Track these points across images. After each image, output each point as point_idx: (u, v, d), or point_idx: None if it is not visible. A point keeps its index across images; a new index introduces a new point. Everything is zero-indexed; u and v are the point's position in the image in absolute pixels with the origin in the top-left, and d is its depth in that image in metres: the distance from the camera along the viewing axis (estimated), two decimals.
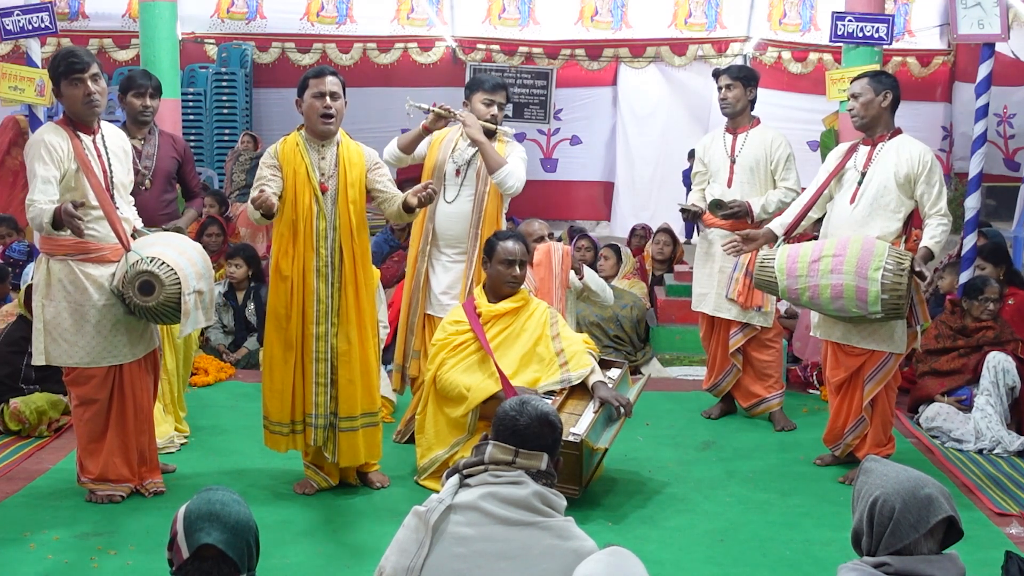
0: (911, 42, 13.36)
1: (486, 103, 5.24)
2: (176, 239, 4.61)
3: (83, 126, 4.36)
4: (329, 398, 4.55)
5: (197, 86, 12.97)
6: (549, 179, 13.97)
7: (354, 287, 4.53)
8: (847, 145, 5.14)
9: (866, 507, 2.42)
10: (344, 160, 4.52)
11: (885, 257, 4.59)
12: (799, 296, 4.84)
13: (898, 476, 2.43)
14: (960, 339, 5.92)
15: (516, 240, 4.88)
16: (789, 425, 5.83)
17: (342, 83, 4.54)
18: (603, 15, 13.59)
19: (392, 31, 13.64)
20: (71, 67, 4.27)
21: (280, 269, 4.51)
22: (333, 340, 4.52)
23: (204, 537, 2.35)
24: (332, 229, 4.48)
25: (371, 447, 4.68)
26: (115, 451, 4.52)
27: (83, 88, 4.28)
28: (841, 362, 5.00)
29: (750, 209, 5.62)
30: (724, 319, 5.85)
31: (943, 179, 4.86)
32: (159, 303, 4.24)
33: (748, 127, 5.78)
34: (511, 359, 4.78)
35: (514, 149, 5.27)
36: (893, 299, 4.57)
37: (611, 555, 2.37)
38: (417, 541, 2.56)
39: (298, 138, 4.52)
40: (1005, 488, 4.92)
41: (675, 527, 4.41)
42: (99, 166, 4.36)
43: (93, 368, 4.41)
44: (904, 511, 2.36)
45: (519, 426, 2.66)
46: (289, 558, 3.99)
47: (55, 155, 4.20)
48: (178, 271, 4.28)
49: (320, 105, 4.43)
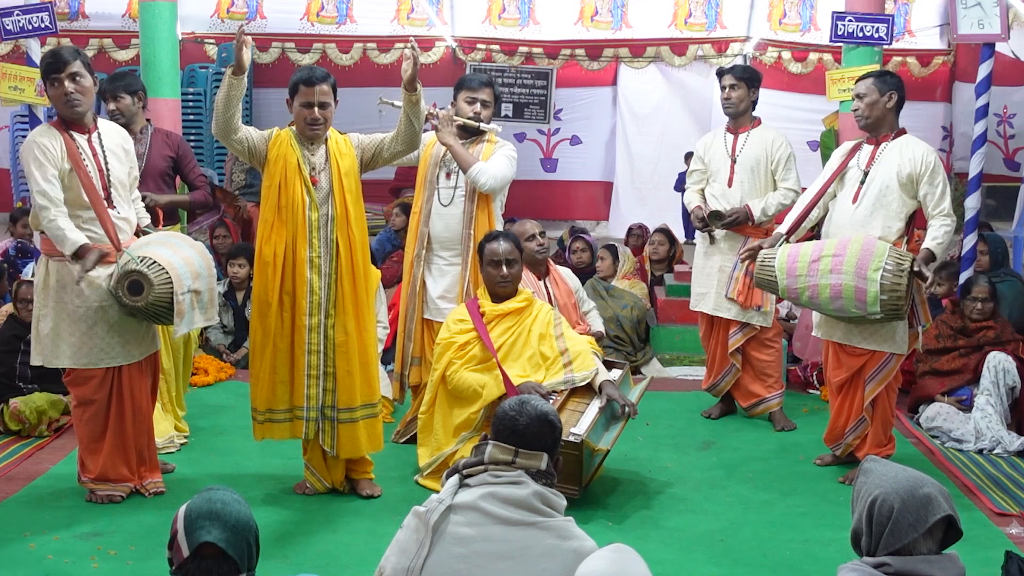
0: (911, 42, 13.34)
1: (469, 101, 5.26)
2: (175, 238, 4.60)
3: (76, 125, 4.37)
4: (323, 391, 4.52)
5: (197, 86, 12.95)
6: (549, 179, 13.96)
7: (351, 278, 4.51)
8: (851, 144, 5.13)
9: (865, 507, 2.42)
10: (334, 153, 4.51)
11: (885, 258, 4.58)
12: (799, 296, 4.84)
13: (897, 476, 2.43)
14: (961, 339, 5.91)
15: (503, 239, 4.87)
16: (789, 425, 5.82)
17: (333, 86, 4.49)
18: (603, 15, 13.57)
19: (392, 31, 13.62)
20: (48, 67, 4.31)
21: (263, 254, 4.49)
22: (329, 331, 4.49)
23: (204, 536, 2.36)
24: (327, 221, 4.46)
25: (372, 438, 4.65)
26: (115, 451, 4.52)
27: (60, 88, 4.30)
28: (843, 362, 5.00)
29: (750, 213, 5.62)
30: (724, 319, 5.85)
31: (947, 179, 4.86)
32: (148, 303, 4.24)
33: (749, 127, 5.78)
34: (520, 364, 4.77)
35: (503, 146, 5.27)
36: (892, 300, 4.57)
37: (615, 552, 2.37)
38: (417, 541, 2.56)
39: (290, 134, 4.52)
40: (1005, 488, 4.92)
41: (675, 527, 4.41)
42: (94, 165, 4.35)
43: (91, 369, 4.41)
44: (903, 511, 2.36)
45: (519, 426, 2.66)
46: (289, 558, 3.99)
47: (49, 155, 4.23)
48: (169, 271, 4.27)
49: (308, 115, 4.43)
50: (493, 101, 5.33)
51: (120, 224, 4.42)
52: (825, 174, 5.14)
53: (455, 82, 5.47)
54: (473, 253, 5.15)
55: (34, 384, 5.53)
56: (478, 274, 5.12)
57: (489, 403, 4.63)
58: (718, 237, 5.78)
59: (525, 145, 13.66)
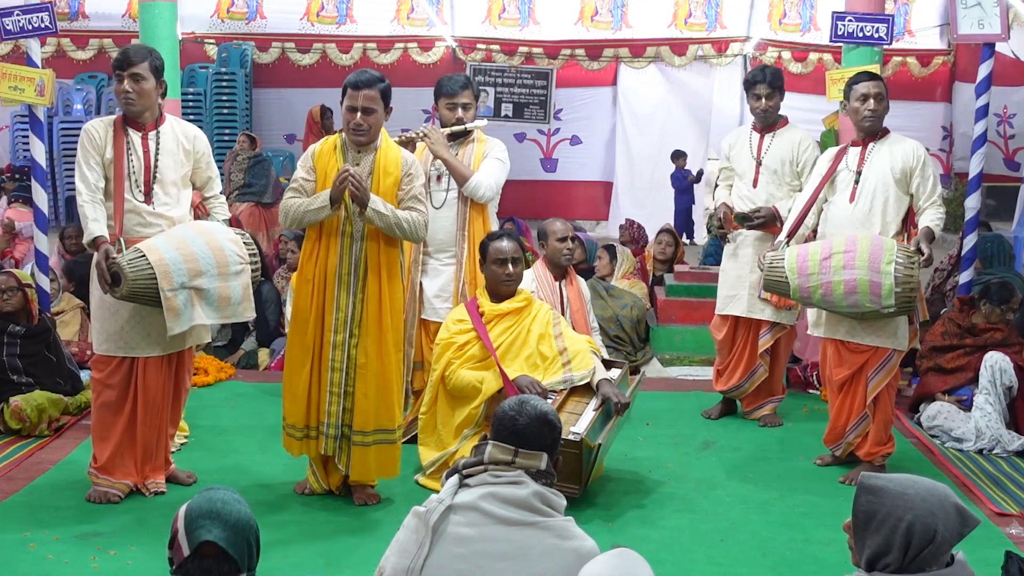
0: (911, 42, 13.35)
1: (449, 107, 5.26)
2: (191, 232, 4.51)
3: (134, 122, 4.50)
4: (343, 409, 4.45)
5: (197, 86, 12.96)
6: (549, 179, 13.97)
7: (376, 300, 4.41)
8: (835, 149, 5.19)
9: (898, 533, 2.29)
10: (379, 168, 4.41)
11: (895, 251, 4.66)
12: (811, 294, 4.83)
13: (918, 493, 2.31)
14: (968, 338, 5.90)
15: (507, 239, 4.90)
16: (775, 422, 5.83)
17: (383, 92, 4.37)
18: (603, 15, 13.58)
19: (392, 31, 13.63)
20: (115, 63, 4.49)
21: (303, 271, 4.48)
22: (352, 351, 4.42)
23: (205, 535, 2.36)
24: (360, 238, 4.40)
25: (383, 465, 4.56)
26: (124, 443, 4.56)
27: (120, 85, 4.45)
28: (844, 359, 5.01)
29: (777, 214, 5.53)
30: (753, 320, 5.78)
31: (936, 171, 4.95)
32: (124, 295, 4.27)
33: (776, 127, 5.73)
34: (519, 364, 4.78)
35: (492, 147, 5.28)
36: (906, 292, 4.63)
37: (617, 556, 2.36)
38: (417, 541, 2.56)
39: (338, 140, 4.47)
40: (1005, 488, 4.92)
41: (675, 527, 4.41)
42: (141, 162, 4.45)
43: (110, 355, 4.51)
44: (945, 530, 2.28)
45: (518, 426, 2.66)
46: (289, 558, 3.99)
47: (94, 142, 4.42)
48: (156, 266, 4.24)
49: (351, 119, 4.36)
50: (475, 99, 5.33)
51: (155, 221, 4.48)
52: (814, 180, 5.17)
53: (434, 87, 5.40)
54: (468, 254, 5.17)
55: (28, 376, 5.53)
56: (474, 274, 5.12)
57: (489, 398, 4.64)
58: (744, 241, 5.71)
59: (525, 145, 13.66)
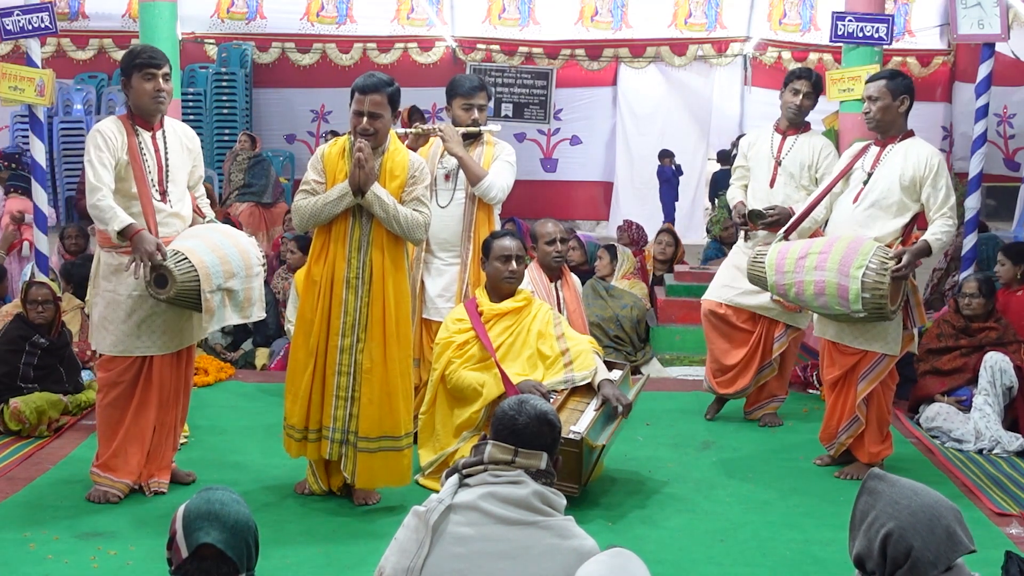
0: (911, 42, 13.37)
1: (465, 108, 5.26)
2: (217, 234, 4.55)
3: (143, 122, 4.49)
4: (348, 414, 4.43)
5: (197, 86, 12.97)
6: (549, 179, 13.99)
7: (381, 304, 4.39)
8: (860, 145, 5.12)
9: (878, 540, 2.24)
10: (386, 171, 4.40)
11: (870, 256, 4.58)
12: (786, 292, 4.85)
13: (911, 505, 2.24)
14: (963, 338, 5.90)
15: (511, 237, 4.91)
16: (775, 422, 5.83)
17: (391, 96, 4.36)
18: (603, 15, 13.60)
19: (392, 31, 13.65)
20: (148, 61, 4.43)
21: (311, 274, 4.47)
22: (358, 356, 4.40)
23: (203, 536, 2.35)
24: (368, 243, 4.39)
25: (389, 472, 4.50)
26: (130, 440, 4.54)
27: (155, 83, 4.42)
28: (836, 360, 5.01)
29: (792, 214, 5.51)
30: (768, 321, 5.73)
31: (951, 182, 4.82)
32: (170, 297, 4.27)
33: (799, 131, 5.70)
34: (519, 364, 4.77)
35: (502, 151, 5.30)
36: (875, 298, 4.55)
37: (614, 556, 2.36)
38: (417, 541, 2.56)
39: (347, 142, 4.45)
40: (1005, 488, 4.92)
41: (675, 527, 4.41)
42: (154, 161, 4.46)
43: (125, 355, 4.48)
44: (923, 550, 2.20)
45: (518, 425, 2.66)
46: (289, 558, 3.99)
47: (110, 143, 4.36)
48: (199, 268, 4.28)
49: (356, 123, 4.36)
50: (488, 101, 5.36)
51: (171, 220, 4.49)
52: (832, 173, 5.14)
53: (446, 85, 5.42)
54: (472, 253, 5.17)
55: (35, 384, 5.53)
56: (478, 275, 5.13)
57: (490, 402, 4.63)
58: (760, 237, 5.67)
59: (525, 145, 13.67)
